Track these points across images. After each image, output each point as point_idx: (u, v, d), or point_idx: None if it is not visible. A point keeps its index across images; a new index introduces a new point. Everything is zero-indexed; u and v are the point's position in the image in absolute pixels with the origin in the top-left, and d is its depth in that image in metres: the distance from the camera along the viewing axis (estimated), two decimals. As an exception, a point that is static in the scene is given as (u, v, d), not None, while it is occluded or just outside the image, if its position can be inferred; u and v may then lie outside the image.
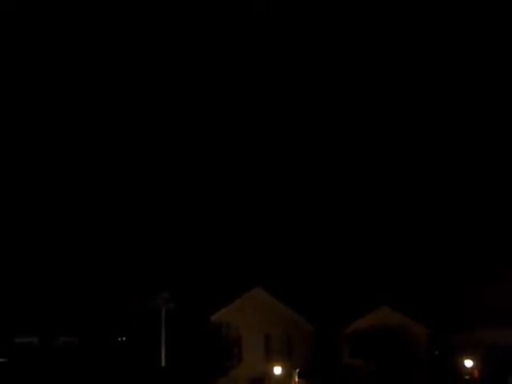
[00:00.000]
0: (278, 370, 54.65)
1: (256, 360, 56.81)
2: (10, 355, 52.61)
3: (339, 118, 66.21)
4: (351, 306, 58.04)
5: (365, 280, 60.20)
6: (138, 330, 55.61)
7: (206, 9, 64.01)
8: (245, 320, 56.76)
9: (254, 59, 65.54)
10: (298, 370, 55.56)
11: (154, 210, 62.04)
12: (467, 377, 52.20)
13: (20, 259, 57.95)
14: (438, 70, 66.76)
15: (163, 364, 53.85)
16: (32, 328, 55.03)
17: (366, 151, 66.59)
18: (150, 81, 65.61)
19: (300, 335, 58.26)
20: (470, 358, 51.74)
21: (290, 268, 61.20)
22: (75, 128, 64.26)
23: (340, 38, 66.07)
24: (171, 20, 65.77)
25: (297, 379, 54.53)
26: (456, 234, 61.02)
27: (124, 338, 56.27)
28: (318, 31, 66.40)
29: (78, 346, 54.89)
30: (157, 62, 66.05)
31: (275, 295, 58.80)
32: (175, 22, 65.78)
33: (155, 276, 56.92)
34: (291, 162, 65.97)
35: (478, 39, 64.96)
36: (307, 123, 66.60)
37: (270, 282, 59.09)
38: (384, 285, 59.15)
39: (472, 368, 51.65)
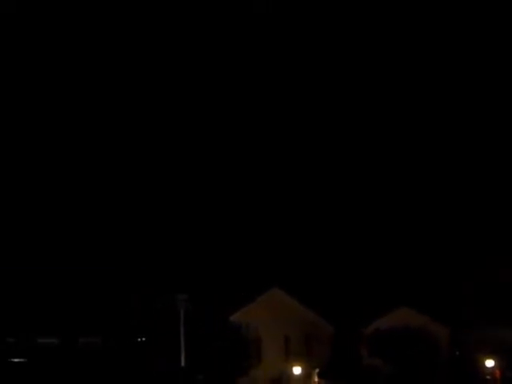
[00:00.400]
0: (297, 370, 54.82)
1: (275, 360, 56.95)
2: (31, 355, 53.04)
3: (339, 118, 66.07)
4: (370, 306, 57.85)
5: (384, 280, 59.96)
6: (157, 331, 55.88)
7: (205, 9, 64.23)
8: (263, 320, 56.80)
9: (254, 59, 65.54)
10: (317, 370, 55.67)
11: (172, 211, 62.19)
12: (488, 377, 51.98)
13: (42, 259, 58.31)
14: (438, 70, 66.46)
15: (183, 364, 54.08)
16: (53, 328, 55.31)
17: (375, 151, 66.30)
18: (150, 81, 65.70)
19: (319, 335, 58.34)
20: (491, 358, 51.47)
21: (309, 268, 61.13)
22: (75, 128, 64.44)
23: (340, 37, 66.01)
24: (171, 20, 65.95)
25: (316, 379, 54.61)
26: (473, 232, 60.62)
27: (144, 339, 56.42)
28: (318, 31, 66.35)
29: (98, 347, 55.10)
30: (157, 61, 66.20)
31: (294, 295, 58.92)
32: (175, 21, 65.95)
33: (174, 277, 57.17)
34: (304, 162, 65.78)
35: (478, 39, 64.64)
36: (307, 123, 66.45)
37: (289, 282, 59.15)
38: (403, 285, 58.89)
39: (493, 368, 51.40)
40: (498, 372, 50.99)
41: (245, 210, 63.48)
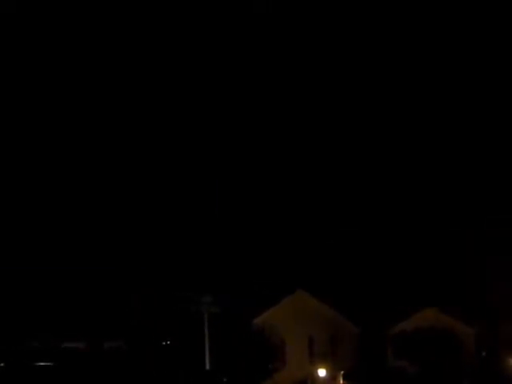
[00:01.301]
0: (322, 373, 54.51)
1: (300, 362, 56.70)
2: (57, 359, 53.55)
3: (339, 118, 65.62)
4: (396, 307, 57.45)
5: (410, 281, 59.49)
6: (182, 334, 56.09)
7: (206, 9, 64.14)
8: (288, 322, 56.69)
9: (254, 59, 65.28)
10: (342, 372, 55.39)
11: (197, 216, 62.25)
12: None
13: (66, 265, 58.82)
14: (438, 70, 65.78)
15: (208, 367, 54.19)
16: (79, 333, 55.79)
17: (387, 149, 65.82)
18: (150, 80, 65.67)
19: (344, 337, 58.01)
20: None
21: (333, 269, 60.87)
22: (75, 128, 64.64)
23: (340, 37, 65.58)
24: (171, 20, 65.92)
25: (342, 381, 54.33)
26: (498, 233, 59.89)
27: (168, 342, 56.66)
28: (318, 31, 65.95)
29: (123, 351, 55.44)
30: (157, 61, 66.17)
31: (318, 297, 58.64)
32: (175, 21, 65.92)
33: (199, 280, 57.29)
34: (322, 164, 65.48)
35: (478, 39, 63.88)
36: (308, 123, 66.08)
37: (313, 284, 58.92)
38: (429, 286, 58.40)
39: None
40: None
41: (270, 213, 63.37)
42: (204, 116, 65.16)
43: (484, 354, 55.83)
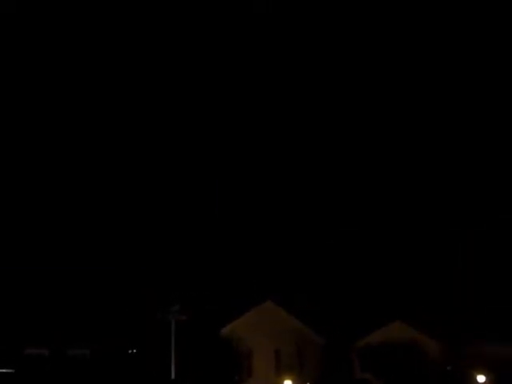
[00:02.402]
0: (289, 384, 54.42)
1: (266, 373, 56.47)
2: (19, 366, 52.67)
3: (340, 119, 65.86)
4: (363, 320, 57.54)
5: (377, 294, 59.66)
6: (148, 343, 55.58)
7: (205, 8, 64.21)
8: (255, 333, 56.46)
9: (253, 59, 65.42)
10: (308, 384, 55.34)
11: (165, 222, 61.90)
12: (480, 392, 51.67)
13: (30, 271, 58.05)
14: (438, 70, 66.33)
15: (173, 377, 53.75)
16: (42, 340, 55.00)
17: (368, 155, 66.05)
18: (150, 80, 65.55)
19: (311, 349, 57.92)
20: (483, 373, 51.19)
21: (301, 282, 60.81)
22: (75, 128, 64.24)
23: (340, 37, 65.89)
24: (170, 19, 65.92)
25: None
26: (466, 246, 60.39)
27: (134, 351, 56.08)
28: (318, 31, 66.25)
29: (88, 358, 54.76)
30: (156, 61, 66.10)
31: (286, 309, 58.56)
32: (175, 21, 65.90)
33: (166, 288, 56.89)
34: (296, 170, 65.52)
35: (478, 39, 64.57)
36: (308, 124, 66.24)
37: (281, 296, 58.84)
38: (396, 299, 58.61)
39: (485, 383, 51.11)
40: (489, 388, 50.76)
41: (238, 222, 63.25)
42: (204, 116, 65.12)
43: (449, 368, 56.04)
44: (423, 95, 66.24)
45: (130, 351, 56.17)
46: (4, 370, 52.20)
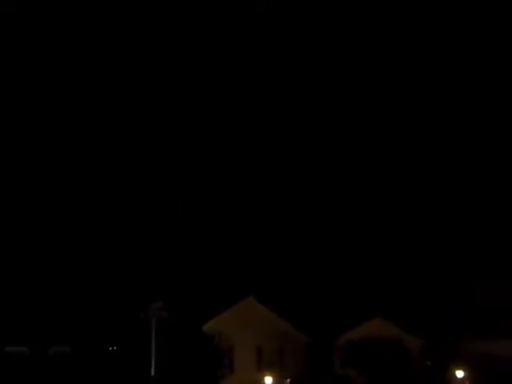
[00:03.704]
0: (269, 380, 54.37)
1: (248, 370, 56.56)
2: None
3: (340, 119, 66.15)
4: (344, 316, 57.82)
5: (357, 291, 59.95)
6: (129, 340, 55.43)
7: (205, 9, 64.28)
8: (237, 330, 56.48)
9: (254, 59, 65.59)
10: (289, 380, 55.40)
11: (146, 218, 61.88)
12: (458, 388, 52.06)
13: (10, 268, 57.80)
14: (438, 70, 66.75)
15: (153, 373, 53.60)
16: (22, 337, 54.73)
17: (365, 155, 66.40)
18: (150, 81, 65.59)
19: (292, 346, 58.13)
20: (462, 369, 51.59)
21: (283, 278, 60.94)
22: (75, 128, 64.17)
23: (341, 38, 66.16)
24: (171, 20, 65.97)
25: (290, 390, 54.39)
26: (448, 243, 60.85)
27: (115, 348, 55.92)
28: (318, 31, 66.50)
29: (69, 356, 54.53)
30: (156, 61, 66.18)
31: (267, 305, 58.71)
32: (175, 21, 65.97)
33: (147, 285, 56.77)
34: (285, 168, 65.74)
35: (478, 39, 65.02)
36: (308, 124, 66.49)
37: (263, 292, 58.95)
38: (376, 296, 58.92)
39: (463, 379, 51.50)
40: (468, 382, 51.05)
41: (221, 219, 63.32)
42: (205, 116, 65.21)
43: (429, 363, 56.44)
44: (423, 95, 66.81)
45: (110, 348, 55.93)
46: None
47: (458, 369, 51.54)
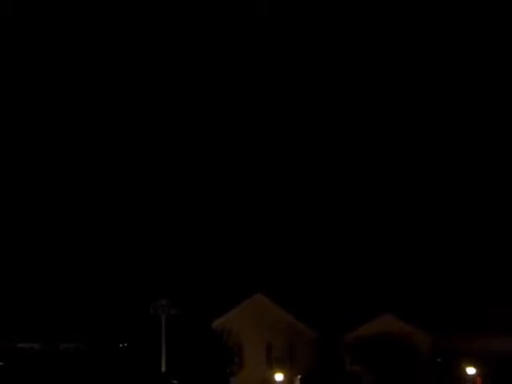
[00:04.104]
0: (279, 377, 54.45)
1: (257, 366, 56.63)
2: (11, 360, 52.73)
3: (340, 120, 66.05)
4: (354, 313, 57.57)
5: (367, 287, 59.74)
6: (139, 337, 55.61)
7: (208, 11, 64.26)
8: (246, 326, 56.58)
9: (256, 61, 65.56)
10: (299, 377, 55.40)
11: (152, 215, 61.98)
12: (469, 384, 51.86)
13: (21, 265, 58.13)
14: (438, 70, 66.49)
15: (163, 370, 53.77)
16: (33, 334, 55.05)
17: (367, 153, 66.23)
18: (152, 82, 65.68)
19: (302, 342, 58.00)
20: (473, 366, 51.33)
21: (292, 274, 60.90)
22: (73, 129, 64.32)
23: (343, 41, 66.02)
24: (174, 22, 65.96)
25: (300, 386, 54.42)
26: (458, 239, 60.57)
27: (125, 345, 56.10)
28: (320, 34, 66.35)
29: (79, 352, 54.77)
30: (159, 63, 66.24)
31: (277, 301, 58.63)
32: (178, 24, 66.00)
33: (156, 282, 56.94)
34: (291, 165, 65.67)
35: (478, 39, 64.68)
36: (309, 125, 66.43)
37: (272, 289, 58.90)
38: (386, 292, 58.68)
39: (474, 375, 51.25)
40: (479, 380, 50.82)
41: (230, 215, 63.34)
42: (206, 116, 65.30)
43: (439, 360, 56.19)
44: (423, 95, 66.63)
45: (120, 345, 56.13)
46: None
47: (469, 366, 51.23)
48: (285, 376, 54.55)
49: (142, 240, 59.87)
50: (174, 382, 52.05)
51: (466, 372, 51.64)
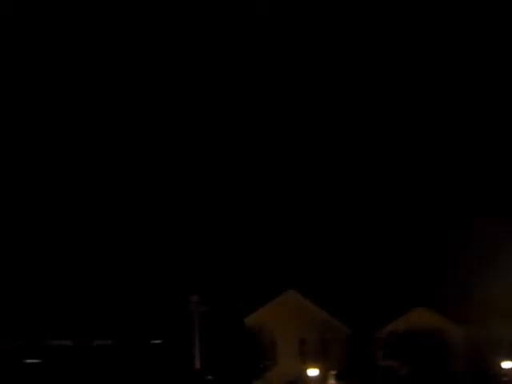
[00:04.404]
0: (312, 373, 54.31)
1: (291, 362, 56.46)
2: (45, 357, 53.01)
3: (341, 121, 65.93)
4: (386, 307, 57.34)
5: (400, 281, 59.40)
6: (172, 333, 55.72)
7: (208, 11, 64.27)
8: (279, 322, 56.50)
9: (256, 62, 65.46)
10: (334, 373, 55.18)
11: (186, 212, 61.99)
12: (505, 378, 51.29)
13: (53, 261, 58.44)
14: (438, 70, 66.14)
15: (197, 367, 53.81)
16: (67, 331, 55.30)
17: (383, 152, 66.04)
18: (152, 82, 65.66)
19: (334, 337, 57.90)
20: (509, 359, 50.81)
21: (324, 270, 60.67)
22: (74, 129, 64.43)
23: (344, 41, 65.84)
24: (174, 22, 65.96)
25: (333, 382, 54.14)
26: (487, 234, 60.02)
27: (158, 341, 56.17)
28: (321, 34, 66.16)
29: (112, 349, 54.96)
30: (159, 64, 66.20)
31: (309, 297, 58.54)
32: (178, 24, 65.99)
33: (189, 279, 57.00)
34: (310, 164, 65.59)
35: (478, 39, 64.29)
36: (309, 125, 66.35)
37: (304, 285, 58.78)
38: (419, 286, 58.33)
39: (510, 369, 50.71)
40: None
41: (261, 212, 63.23)
42: (207, 116, 65.32)
43: (473, 354, 55.69)
44: (422, 95, 66.34)
45: (153, 342, 56.21)
46: (31, 361, 52.58)
47: (505, 360, 50.72)
48: (318, 372, 54.39)
49: (174, 237, 59.86)
50: (209, 377, 52.04)
51: (500, 366, 51.13)
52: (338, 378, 55.05)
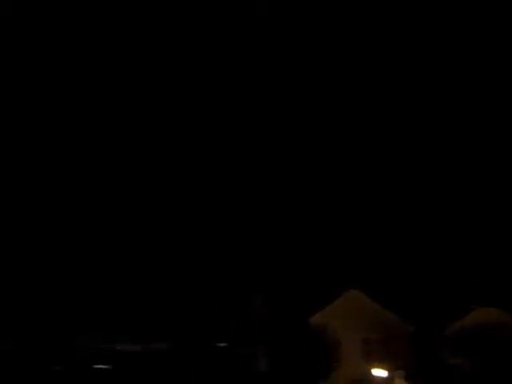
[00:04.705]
0: (380, 373, 53.82)
1: (355, 362, 56.08)
2: (114, 362, 53.04)
3: (340, 120, 65.54)
4: (453, 305, 56.72)
5: (466, 279, 58.76)
6: (236, 335, 55.55)
7: (208, 11, 64.03)
8: (342, 322, 56.12)
9: (256, 62, 65.16)
10: (403, 373, 54.61)
11: (244, 214, 61.83)
12: None
13: (114, 269, 58.53)
14: (438, 70, 65.53)
15: (263, 369, 53.60)
16: (133, 335, 55.31)
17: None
18: (151, 82, 65.61)
19: (398, 337, 57.30)
20: None
21: (387, 269, 60.19)
22: (74, 129, 64.45)
23: (344, 42, 65.44)
24: (173, 22, 65.81)
25: (403, 382, 53.58)
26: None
27: (224, 344, 56.01)
28: (321, 34, 65.78)
29: (177, 353, 54.86)
30: (159, 64, 66.16)
31: (372, 297, 58.04)
32: (177, 24, 65.83)
33: (251, 280, 56.83)
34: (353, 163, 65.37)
35: (478, 39, 63.57)
36: (309, 125, 66.00)
37: (367, 284, 58.31)
38: (484, 284, 57.62)
39: None
40: None
41: (322, 213, 62.98)
42: (207, 117, 65.22)
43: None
44: (422, 95, 65.84)
45: (218, 344, 56.06)
46: (101, 366, 52.63)
47: None
48: (385, 372, 53.90)
49: (237, 239, 59.72)
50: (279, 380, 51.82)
51: None
52: (407, 377, 54.45)
